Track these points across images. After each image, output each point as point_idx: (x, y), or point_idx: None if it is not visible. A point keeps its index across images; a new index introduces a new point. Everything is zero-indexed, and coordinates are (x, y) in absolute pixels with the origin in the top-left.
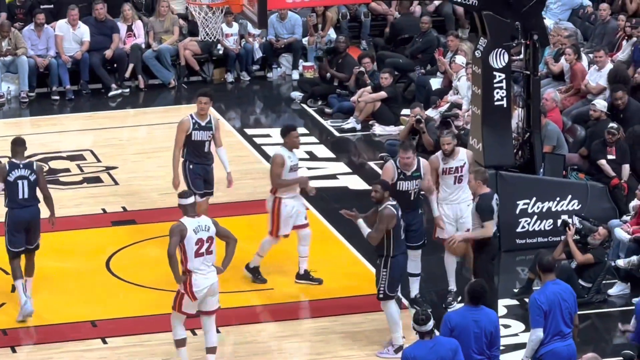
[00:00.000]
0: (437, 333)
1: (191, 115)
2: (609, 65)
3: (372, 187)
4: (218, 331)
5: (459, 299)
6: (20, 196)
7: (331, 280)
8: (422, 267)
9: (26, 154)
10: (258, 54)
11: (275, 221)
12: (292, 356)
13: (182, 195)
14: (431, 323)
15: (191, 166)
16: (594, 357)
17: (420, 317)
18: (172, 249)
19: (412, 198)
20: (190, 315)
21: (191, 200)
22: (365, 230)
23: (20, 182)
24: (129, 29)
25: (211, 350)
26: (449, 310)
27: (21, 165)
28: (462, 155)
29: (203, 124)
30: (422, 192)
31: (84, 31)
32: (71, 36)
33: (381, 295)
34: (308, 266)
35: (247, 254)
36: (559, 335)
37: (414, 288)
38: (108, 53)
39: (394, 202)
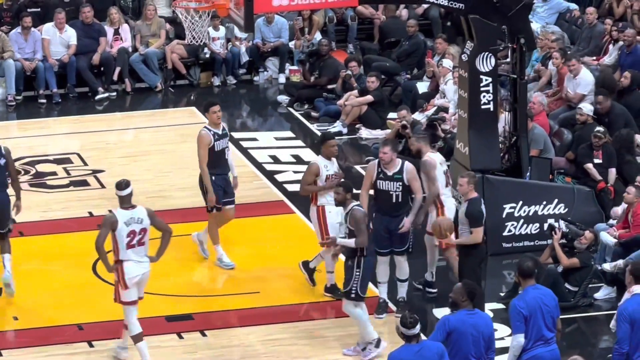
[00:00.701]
0: (423, 337)
1: (207, 128)
2: (584, 71)
3: (334, 190)
4: (204, 334)
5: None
6: None
7: (322, 282)
8: (410, 272)
9: (14, 156)
10: (245, 58)
11: (322, 230)
12: (279, 358)
13: (118, 186)
14: (418, 327)
15: (213, 178)
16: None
17: (409, 320)
18: (101, 240)
19: (393, 201)
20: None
21: (127, 191)
22: (349, 241)
23: None
24: (116, 32)
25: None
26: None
27: None
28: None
29: (220, 132)
30: (411, 196)
31: (70, 35)
32: (58, 40)
33: (353, 295)
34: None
35: (237, 257)
36: (541, 341)
37: (401, 292)
38: (95, 57)
39: (358, 202)
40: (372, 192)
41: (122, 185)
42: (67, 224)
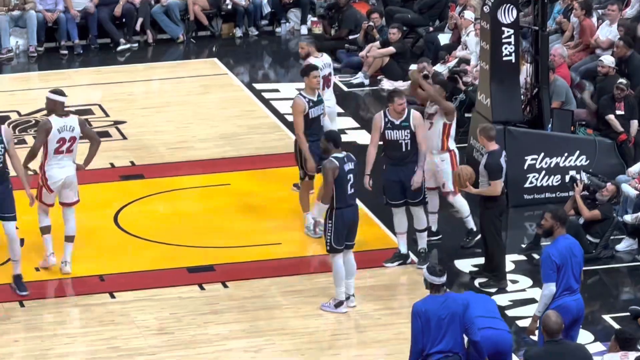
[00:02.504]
0: (447, 290)
1: (302, 95)
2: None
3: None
4: (226, 286)
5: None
6: None
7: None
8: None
9: (34, 108)
10: (267, 9)
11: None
12: (300, 310)
13: (54, 91)
14: (445, 277)
15: (308, 145)
16: (554, 314)
17: (438, 269)
18: (37, 145)
19: (403, 149)
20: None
21: (62, 99)
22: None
23: None
24: None
25: (69, 238)
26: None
27: None
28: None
29: (315, 99)
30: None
31: None
32: None
33: (328, 248)
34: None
35: (258, 208)
36: (568, 290)
37: (421, 243)
38: (117, 8)
39: (342, 154)
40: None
41: (58, 92)
42: (88, 174)
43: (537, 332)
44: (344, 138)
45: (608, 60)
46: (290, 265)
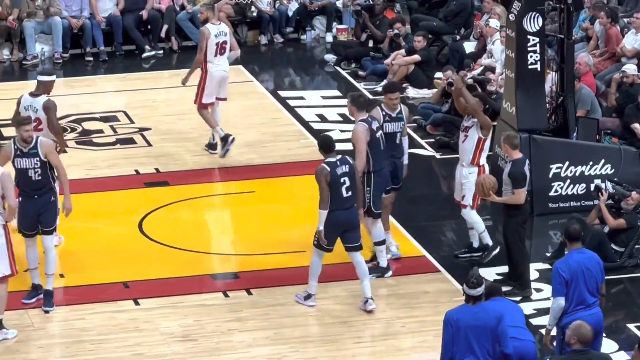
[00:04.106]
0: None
1: (380, 107)
2: None
3: None
4: (250, 293)
5: (495, 251)
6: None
7: (364, 244)
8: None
9: (60, 114)
10: (292, 14)
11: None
12: (323, 318)
13: (49, 73)
14: (481, 289)
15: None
16: (584, 324)
17: (472, 280)
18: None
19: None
20: None
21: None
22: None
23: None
24: None
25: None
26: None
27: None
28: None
29: (394, 115)
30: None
31: None
32: None
33: (314, 242)
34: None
35: (283, 215)
36: (582, 305)
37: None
38: (144, 13)
39: (335, 159)
40: None
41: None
42: (113, 181)
43: (554, 342)
44: None
45: (631, 69)
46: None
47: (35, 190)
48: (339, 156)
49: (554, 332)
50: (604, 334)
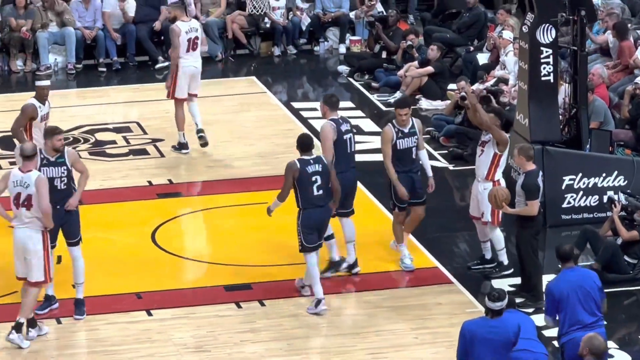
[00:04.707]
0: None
1: (392, 124)
2: None
3: None
4: (263, 304)
5: (508, 272)
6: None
7: (376, 254)
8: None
9: (72, 125)
10: (305, 28)
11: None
12: (336, 329)
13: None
14: (501, 303)
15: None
16: (593, 337)
17: (492, 294)
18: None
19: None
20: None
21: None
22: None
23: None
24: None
25: None
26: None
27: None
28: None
29: (406, 130)
30: None
31: (130, 6)
32: (119, 10)
33: (300, 248)
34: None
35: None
36: (578, 325)
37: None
38: (157, 25)
39: (309, 157)
40: None
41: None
42: (126, 192)
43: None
44: (382, 157)
45: None
46: (326, 284)
47: (58, 200)
48: (314, 155)
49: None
50: (617, 346)
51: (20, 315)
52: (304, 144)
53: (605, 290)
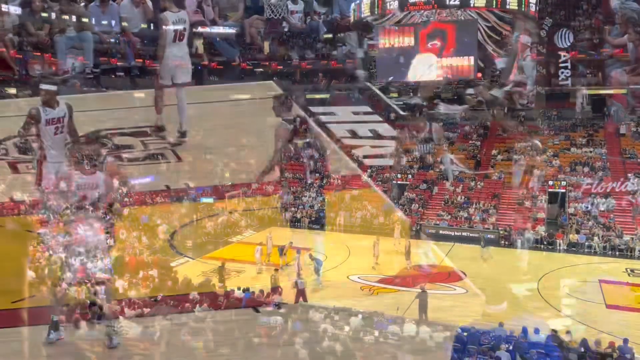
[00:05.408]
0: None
1: None
2: None
3: None
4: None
5: None
6: None
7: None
8: None
9: (91, 128)
10: (323, 32)
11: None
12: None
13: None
14: None
15: None
16: None
17: None
18: None
19: None
20: None
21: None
22: None
23: None
24: (198, 5)
25: None
26: None
27: None
28: None
29: None
30: None
31: (146, 9)
32: (135, 14)
33: None
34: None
35: None
36: None
37: None
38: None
39: None
40: None
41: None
42: (144, 196)
43: None
44: None
45: None
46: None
47: None
48: None
49: None
50: None
51: None
52: None
53: None
